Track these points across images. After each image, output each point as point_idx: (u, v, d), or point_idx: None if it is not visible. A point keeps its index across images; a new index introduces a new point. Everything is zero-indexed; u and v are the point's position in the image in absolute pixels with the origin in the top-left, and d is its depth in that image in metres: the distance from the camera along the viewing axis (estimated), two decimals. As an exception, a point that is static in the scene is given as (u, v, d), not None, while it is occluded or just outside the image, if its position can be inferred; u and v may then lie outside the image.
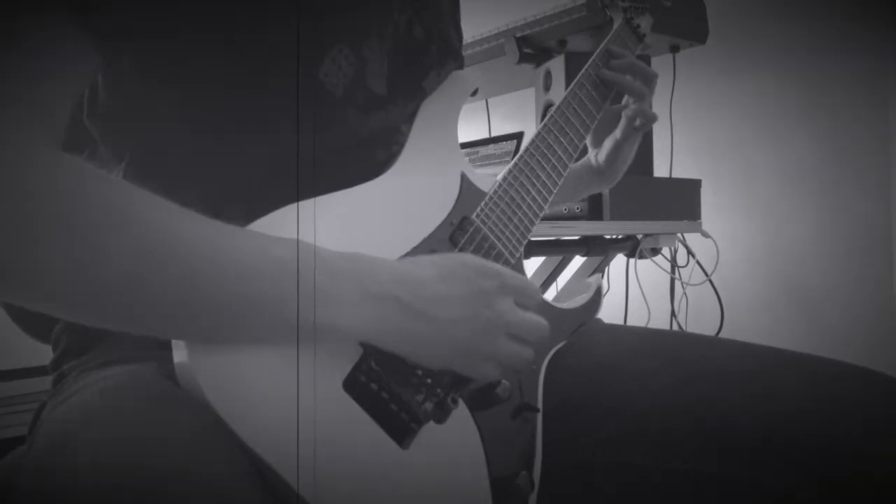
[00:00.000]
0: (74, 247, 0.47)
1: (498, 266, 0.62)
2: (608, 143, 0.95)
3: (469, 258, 0.62)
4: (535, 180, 0.74)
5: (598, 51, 0.88)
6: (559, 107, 0.80)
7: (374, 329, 0.56)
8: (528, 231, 0.72)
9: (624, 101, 0.92)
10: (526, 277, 0.66)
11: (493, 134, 1.88)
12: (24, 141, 0.48)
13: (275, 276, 0.52)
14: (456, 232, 0.67)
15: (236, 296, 0.51)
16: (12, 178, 0.47)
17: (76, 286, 0.48)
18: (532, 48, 1.58)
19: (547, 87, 1.55)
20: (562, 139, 0.78)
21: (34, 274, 0.47)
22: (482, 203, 0.70)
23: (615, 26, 0.92)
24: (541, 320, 0.63)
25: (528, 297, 0.63)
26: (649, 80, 0.90)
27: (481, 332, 0.59)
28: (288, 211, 0.57)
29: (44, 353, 0.75)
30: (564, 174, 0.77)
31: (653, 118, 0.91)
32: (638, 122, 0.92)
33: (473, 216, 0.68)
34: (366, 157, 0.69)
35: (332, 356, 0.56)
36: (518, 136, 1.63)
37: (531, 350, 0.63)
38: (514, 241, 0.70)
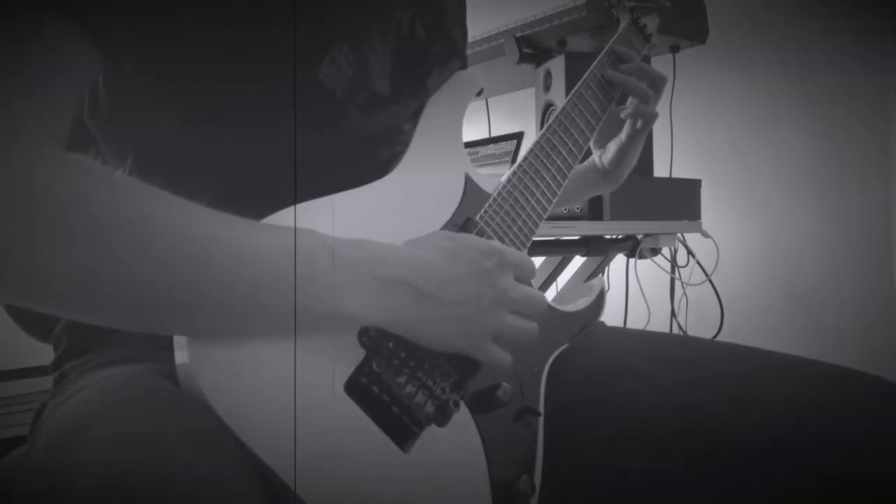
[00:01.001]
0: (80, 247, 0.47)
1: (497, 244, 0.64)
2: (613, 146, 0.95)
3: (470, 239, 0.63)
4: (539, 182, 0.74)
5: (603, 52, 0.87)
6: (564, 108, 0.80)
7: (385, 314, 0.56)
8: (532, 232, 0.72)
9: (627, 103, 0.91)
10: (524, 254, 0.66)
11: (493, 134, 1.88)
12: (27, 143, 0.48)
13: (287, 264, 0.52)
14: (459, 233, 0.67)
15: (251, 287, 0.52)
16: (16, 180, 0.47)
17: (83, 287, 0.48)
18: (532, 48, 1.58)
19: (547, 87, 1.54)
20: (566, 140, 0.78)
21: (40, 277, 0.47)
22: (486, 204, 0.70)
23: (621, 26, 0.92)
24: (539, 294, 0.65)
25: (526, 273, 0.65)
26: (657, 84, 0.89)
27: (486, 311, 0.60)
28: (291, 212, 0.57)
29: (44, 353, 0.75)
30: (569, 175, 0.77)
31: (653, 117, 0.90)
32: (639, 124, 0.91)
33: (477, 217, 0.68)
34: (369, 157, 0.69)
35: (334, 358, 0.56)
36: (518, 136, 1.63)
37: (534, 324, 0.64)
38: (517, 243, 0.70)
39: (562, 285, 1.81)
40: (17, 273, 0.47)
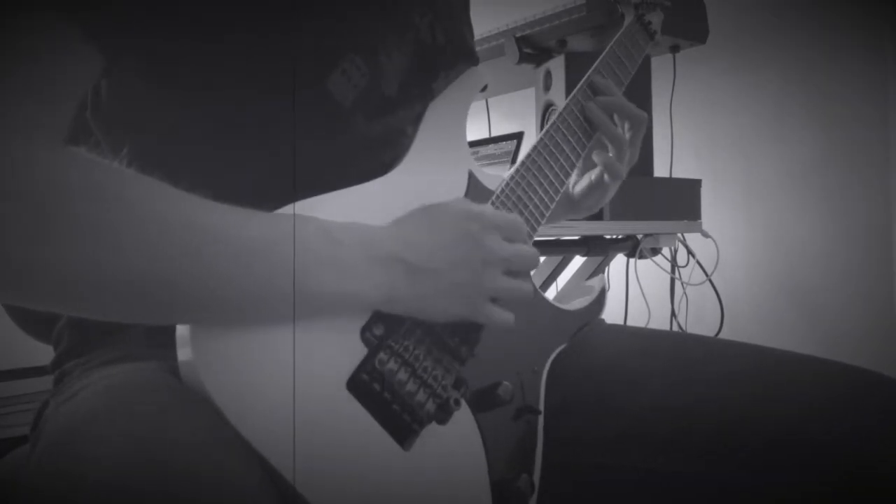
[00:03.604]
0: (84, 244, 0.47)
1: (479, 206, 0.64)
2: (586, 179, 0.88)
3: (449, 206, 0.63)
4: (542, 179, 0.74)
5: (607, 48, 0.85)
6: (568, 105, 0.79)
7: (384, 292, 0.57)
8: (535, 230, 0.72)
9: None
10: (509, 213, 0.66)
11: (493, 134, 1.88)
12: (29, 143, 0.48)
13: (287, 252, 0.53)
14: None
15: (254, 276, 0.52)
16: (18, 179, 0.47)
17: (86, 284, 0.48)
18: (532, 48, 1.58)
19: (547, 87, 1.54)
20: (570, 138, 0.78)
21: (45, 276, 0.47)
22: (489, 202, 0.70)
23: (626, 23, 0.90)
24: (531, 249, 0.65)
25: (515, 231, 0.64)
26: (637, 124, 0.82)
27: (480, 273, 0.61)
28: (290, 210, 0.58)
29: (44, 353, 0.75)
30: (572, 173, 0.77)
31: (619, 176, 0.83)
32: (606, 177, 0.84)
33: None
34: (372, 158, 0.69)
35: (337, 355, 0.56)
36: (518, 136, 1.62)
37: (530, 283, 0.64)
38: None
39: (562, 285, 1.81)
40: (20, 275, 0.47)
